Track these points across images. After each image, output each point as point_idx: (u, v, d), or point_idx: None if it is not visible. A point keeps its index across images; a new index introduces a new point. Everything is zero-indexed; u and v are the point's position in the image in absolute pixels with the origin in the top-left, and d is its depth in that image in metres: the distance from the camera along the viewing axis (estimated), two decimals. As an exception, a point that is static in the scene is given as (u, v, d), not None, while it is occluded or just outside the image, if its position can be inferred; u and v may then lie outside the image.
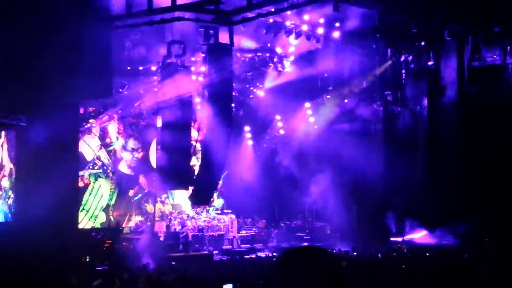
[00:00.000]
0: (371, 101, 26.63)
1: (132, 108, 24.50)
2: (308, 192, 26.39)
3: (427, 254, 19.90)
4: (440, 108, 25.92)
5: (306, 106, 27.75)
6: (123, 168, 25.32)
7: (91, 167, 24.48)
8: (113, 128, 25.01)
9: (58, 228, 16.86)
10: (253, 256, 22.14)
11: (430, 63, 25.36)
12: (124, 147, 25.31)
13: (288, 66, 25.79)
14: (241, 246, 24.23)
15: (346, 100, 26.92)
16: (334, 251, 20.21)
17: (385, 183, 25.34)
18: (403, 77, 26.30)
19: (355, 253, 20.13)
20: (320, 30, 23.39)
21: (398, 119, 26.55)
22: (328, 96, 27.22)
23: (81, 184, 23.23)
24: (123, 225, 24.27)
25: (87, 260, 19.18)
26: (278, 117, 28.40)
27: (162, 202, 25.67)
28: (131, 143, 25.49)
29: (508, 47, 23.56)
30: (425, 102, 26.11)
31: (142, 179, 25.59)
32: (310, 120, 27.83)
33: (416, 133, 26.26)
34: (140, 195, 25.46)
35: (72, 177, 18.73)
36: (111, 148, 25.02)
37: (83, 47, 16.30)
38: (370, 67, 25.78)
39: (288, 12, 21.26)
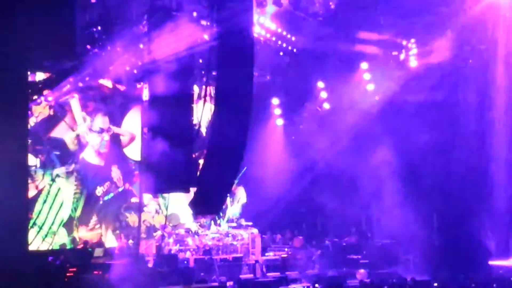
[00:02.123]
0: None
1: (105, 73, 24.37)
2: (365, 196, 26.48)
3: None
4: None
5: (362, 67, 27.61)
6: (89, 156, 25.33)
7: (49, 161, 24.48)
8: (77, 103, 24.95)
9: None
10: (285, 289, 22.12)
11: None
12: (90, 128, 25.31)
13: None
14: (267, 274, 24.19)
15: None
16: (406, 281, 20.16)
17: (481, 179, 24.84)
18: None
19: (436, 284, 20.24)
20: None
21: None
22: (395, 53, 26.93)
23: (32, 190, 23.05)
24: (94, 246, 23.97)
25: (42, 296, 20.06)
26: (321, 84, 28.30)
27: (150, 212, 25.65)
28: (99, 121, 25.51)
29: None
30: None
31: (115, 172, 25.74)
32: (367, 89, 27.67)
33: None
34: (112, 194, 25.64)
35: (19, 177, 18.39)
36: (75, 132, 24.94)
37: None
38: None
39: None
